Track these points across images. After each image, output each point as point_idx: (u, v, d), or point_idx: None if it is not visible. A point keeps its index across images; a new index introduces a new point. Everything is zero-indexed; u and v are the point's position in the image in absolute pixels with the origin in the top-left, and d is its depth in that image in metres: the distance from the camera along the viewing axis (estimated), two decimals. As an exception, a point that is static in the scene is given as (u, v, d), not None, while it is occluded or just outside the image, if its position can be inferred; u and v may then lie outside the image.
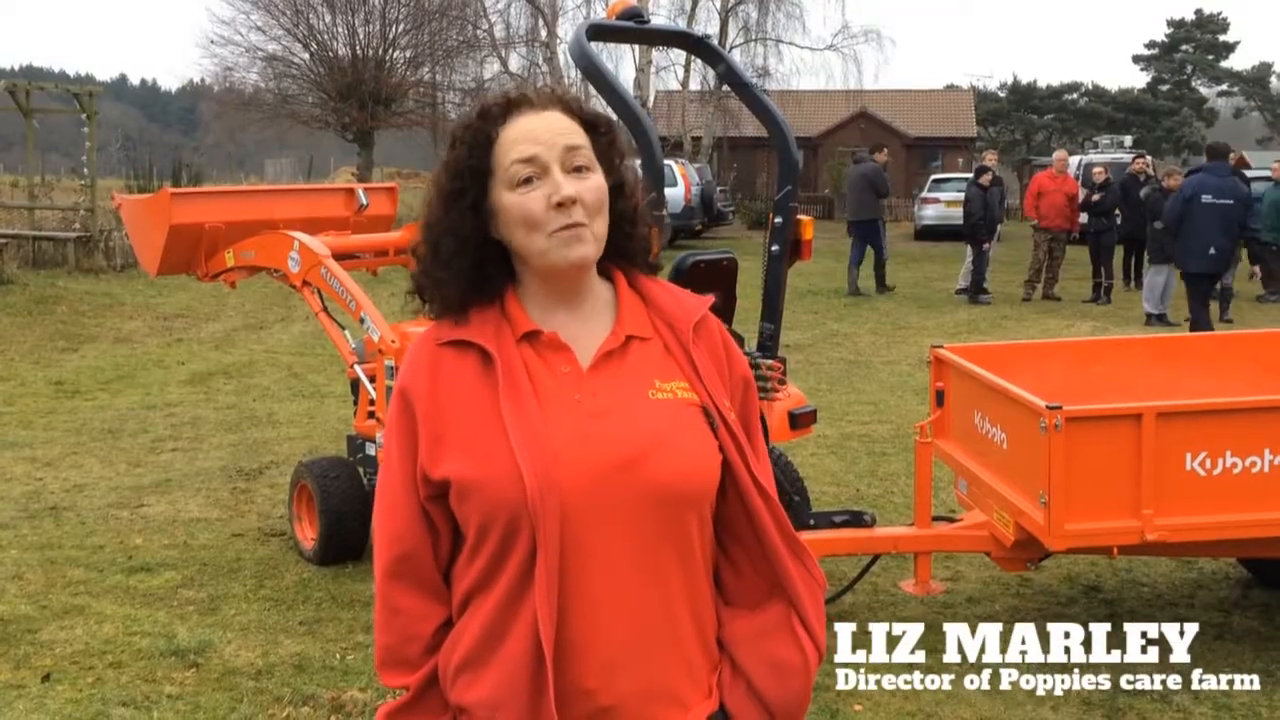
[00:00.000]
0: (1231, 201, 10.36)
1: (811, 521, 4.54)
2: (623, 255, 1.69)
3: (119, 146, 32.02)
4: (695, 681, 1.62)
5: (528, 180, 1.57)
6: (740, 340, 4.53)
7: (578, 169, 1.59)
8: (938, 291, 16.68)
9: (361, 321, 5.25)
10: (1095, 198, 15.77)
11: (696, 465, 1.58)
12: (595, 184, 1.59)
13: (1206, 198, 10.38)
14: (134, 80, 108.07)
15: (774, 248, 4.63)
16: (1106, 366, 5.15)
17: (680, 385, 1.62)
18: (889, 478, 6.78)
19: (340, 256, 5.74)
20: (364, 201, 6.60)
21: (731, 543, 1.66)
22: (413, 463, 1.59)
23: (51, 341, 11.80)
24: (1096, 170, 15.00)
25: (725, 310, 4.52)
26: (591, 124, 1.64)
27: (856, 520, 4.54)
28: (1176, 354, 5.28)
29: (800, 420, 4.66)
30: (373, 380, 5.22)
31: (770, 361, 4.55)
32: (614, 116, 1.66)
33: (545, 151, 1.57)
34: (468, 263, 1.62)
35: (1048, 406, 3.87)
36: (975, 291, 15.52)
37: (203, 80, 34.26)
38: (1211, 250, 10.37)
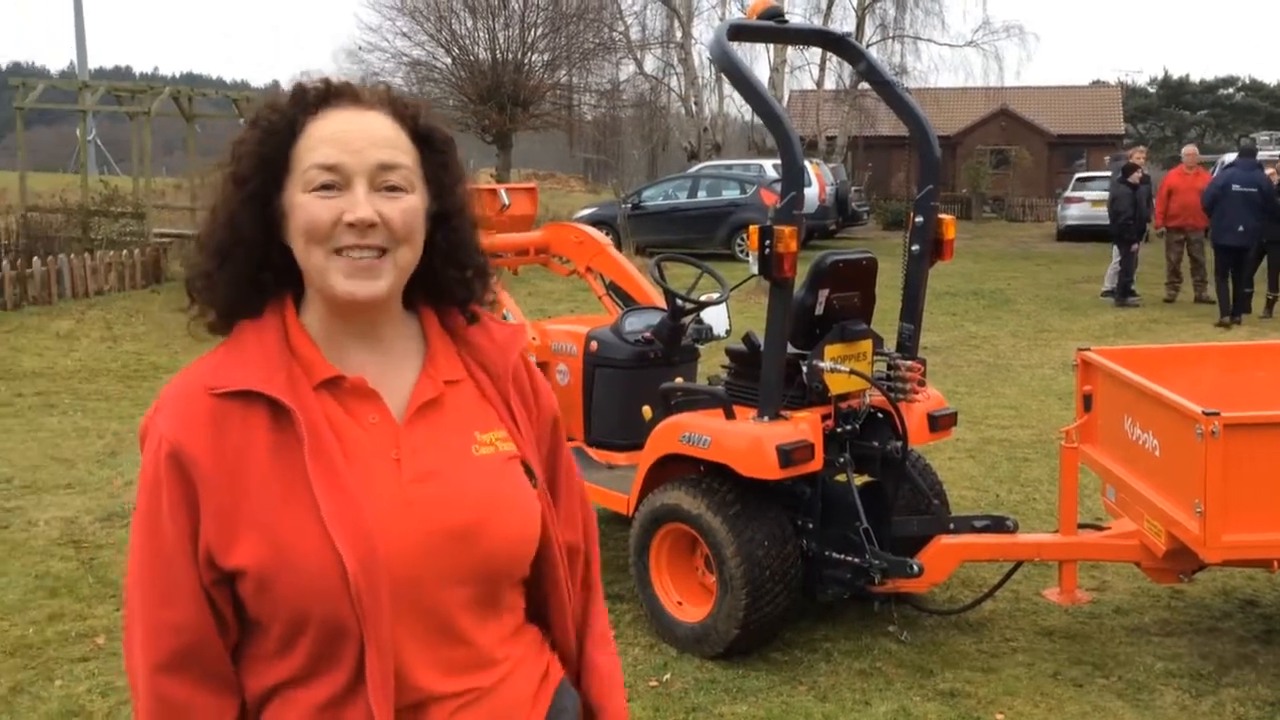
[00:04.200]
0: (1255, 189, 13.05)
1: (951, 526, 4.47)
2: (433, 296, 1.46)
3: (271, 150, 33.31)
4: None
5: (325, 187, 1.33)
6: (879, 341, 4.50)
7: (390, 188, 1.34)
8: (1082, 294, 16.16)
9: (504, 319, 5.38)
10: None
11: (526, 531, 1.42)
12: (406, 206, 1.35)
13: (1236, 186, 13.10)
14: (286, 86, 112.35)
15: (914, 247, 4.57)
16: (1266, 371, 4.93)
17: (499, 435, 1.43)
18: (1030, 484, 6.62)
19: (483, 256, 5.88)
20: (506, 201, 6.74)
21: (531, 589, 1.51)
22: (193, 537, 1.30)
23: (211, 336, 12.36)
24: (1270, 171, 14.15)
25: (864, 310, 4.50)
26: (425, 137, 1.40)
27: (998, 525, 4.46)
28: (1344, 360, 5.02)
29: (939, 423, 4.60)
30: None
31: (910, 363, 4.49)
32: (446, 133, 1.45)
33: (353, 162, 1.33)
34: (243, 265, 1.36)
35: (1204, 412, 3.73)
36: (1123, 294, 14.98)
37: (349, 86, 35.37)
38: (1240, 228, 13.08)
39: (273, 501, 1.29)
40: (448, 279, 1.44)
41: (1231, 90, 55.13)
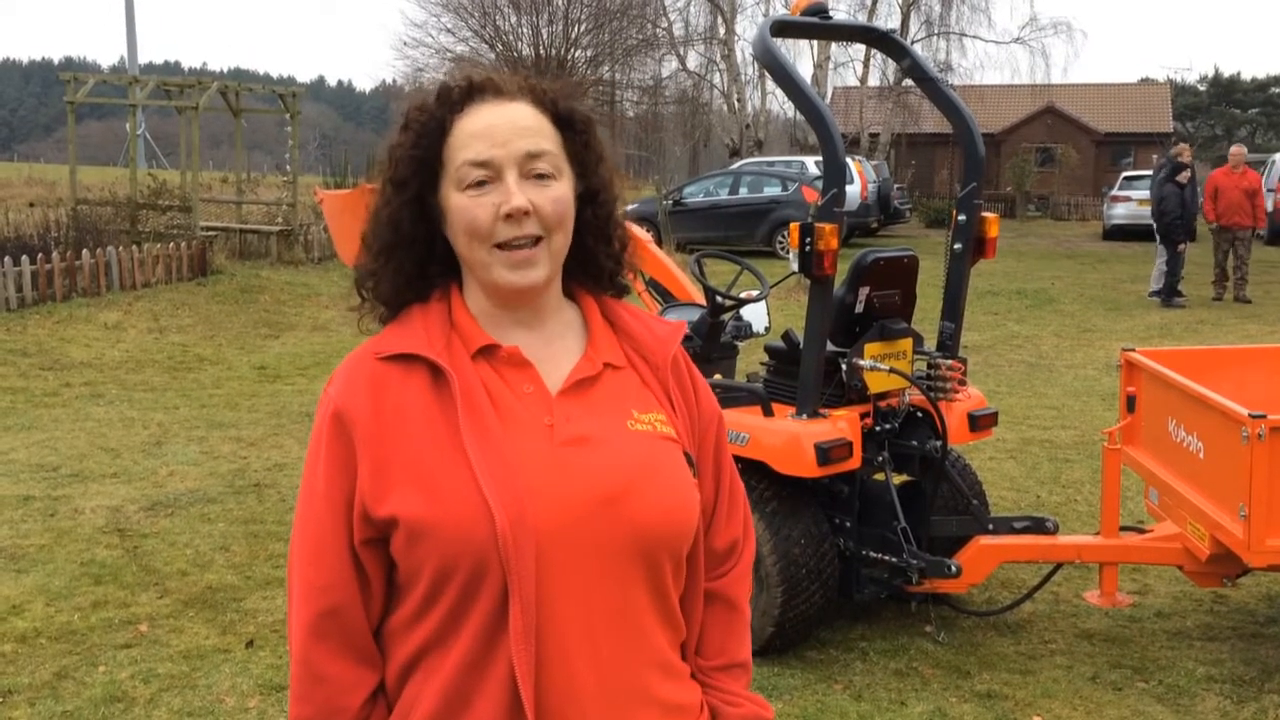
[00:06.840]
0: None
1: (990, 526, 4.44)
2: (589, 274, 1.51)
3: (316, 145, 33.69)
4: None
5: (479, 184, 1.38)
6: (919, 340, 4.48)
7: (539, 176, 1.39)
8: (1127, 294, 15.97)
9: None
10: None
11: (680, 504, 1.42)
12: (557, 194, 1.39)
13: None
14: (331, 82, 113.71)
15: (956, 245, 4.54)
16: (1316, 375, 4.85)
17: (659, 418, 1.45)
18: (1072, 485, 6.55)
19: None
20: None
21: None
22: (346, 499, 1.36)
23: (255, 329, 12.53)
24: None
25: (905, 308, 4.47)
26: (566, 120, 1.45)
27: (1038, 526, 4.42)
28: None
29: (980, 422, 4.56)
30: None
31: (950, 362, 4.46)
32: (584, 115, 1.46)
33: (502, 154, 1.38)
34: (407, 262, 1.44)
35: (1250, 415, 3.68)
36: (1169, 294, 14.79)
37: (394, 81, 35.80)
38: None
39: (428, 456, 1.34)
40: (599, 253, 1.49)
41: (1284, 88, 54.12)
